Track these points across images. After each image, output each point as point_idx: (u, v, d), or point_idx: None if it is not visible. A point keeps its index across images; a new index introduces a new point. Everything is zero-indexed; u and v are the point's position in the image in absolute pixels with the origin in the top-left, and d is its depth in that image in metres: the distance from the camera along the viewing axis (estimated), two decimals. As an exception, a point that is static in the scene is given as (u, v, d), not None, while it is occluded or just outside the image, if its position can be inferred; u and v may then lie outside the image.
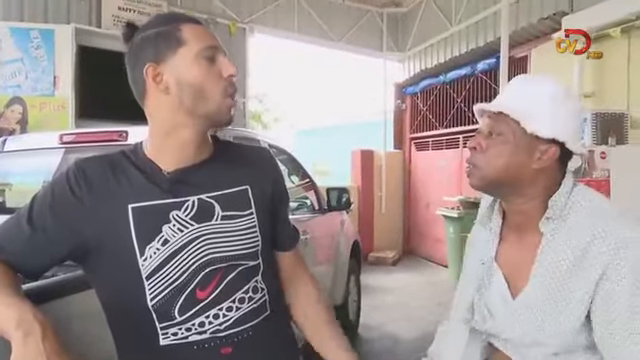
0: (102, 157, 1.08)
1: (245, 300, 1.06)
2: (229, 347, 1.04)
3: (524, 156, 1.03)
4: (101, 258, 1.02)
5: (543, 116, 1.01)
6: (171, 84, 1.01)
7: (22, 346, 0.81)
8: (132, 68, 1.05)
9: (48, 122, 4.42)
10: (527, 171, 1.03)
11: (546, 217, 1.03)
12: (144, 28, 1.05)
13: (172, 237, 1.02)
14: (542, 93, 1.04)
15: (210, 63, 1.02)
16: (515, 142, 1.03)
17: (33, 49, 4.50)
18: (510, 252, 1.11)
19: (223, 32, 6.33)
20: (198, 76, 1.01)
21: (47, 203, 1.02)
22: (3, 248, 0.98)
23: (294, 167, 3.83)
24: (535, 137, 1.02)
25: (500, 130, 1.04)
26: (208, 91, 1.02)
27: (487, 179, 1.06)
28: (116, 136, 2.41)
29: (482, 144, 1.07)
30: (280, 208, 1.21)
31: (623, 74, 4.40)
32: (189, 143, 1.06)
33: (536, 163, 1.03)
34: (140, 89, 1.04)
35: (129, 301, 1.02)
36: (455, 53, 6.78)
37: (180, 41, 1.01)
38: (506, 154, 1.03)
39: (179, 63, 1.01)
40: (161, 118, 1.05)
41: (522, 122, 1.02)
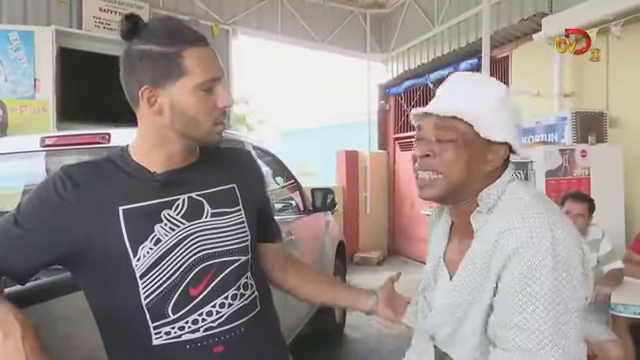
0: (89, 162, 1.09)
1: (237, 297, 1.08)
2: (221, 345, 1.05)
3: (479, 159, 1.00)
4: (92, 261, 1.02)
5: (494, 119, 0.99)
6: (165, 108, 1.02)
7: (2, 345, 0.82)
8: (127, 76, 1.03)
9: (29, 125, 4.35)
10: (480, 174, 1.01)
11: (477, 211, 1.01)
12: (147, 36, 1.00)
13: (164, 236, 1.03)
14: (490, 94, 1.01)
15: (207, 94, 1.02)
16: (469, 146, 0.99)
17: (12, 51, 4.43)
18: (454, 251, 1.09)
19: (206, 33, 6.21)
20: (193, 107, 1.02)
21: (34, 208, 1.01)
22: None
23: (279, 168, 3.84)
24: (487, 140, 0.99)
25: (451, 135, 0.98)
26: (200, 120, 1.03)
27: (451, 186, 1.00)
28: (98, 138, 2.38)
29: (435, 150, 1.00)
30: (266, 204, 1.26)
31: (602, 74, 4.49)
32: (177, 153, 1.08)
33: (489, 165, 1.01)
34: (133, 101, 1.04)
35: (122, 302, 1.02)
36: (438, 54, 6.83)
37: (182, 71, 0.99)
38: (464, 158, 0.99)
39: (177, 92, 1.00)
40: (151, 132, 1.06)
41: (475, 125, 0.98)
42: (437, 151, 1.00)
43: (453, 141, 0.98)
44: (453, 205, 1.07)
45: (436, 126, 1.00)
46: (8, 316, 0.86)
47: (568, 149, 3.88)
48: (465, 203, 1.03)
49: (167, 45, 0.99)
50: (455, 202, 1.05)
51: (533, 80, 5.28)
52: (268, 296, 1.21)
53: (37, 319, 0.89)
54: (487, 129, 0.98)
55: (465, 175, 0.99)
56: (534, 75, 5.31)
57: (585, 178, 3.90)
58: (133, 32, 1.00)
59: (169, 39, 0.99)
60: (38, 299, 1.13)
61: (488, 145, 0.99)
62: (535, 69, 5.29)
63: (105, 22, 5.23)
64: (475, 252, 0.99)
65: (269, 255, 1.29)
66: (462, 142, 0.98)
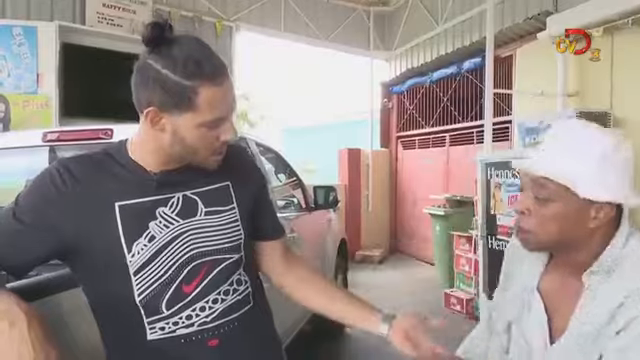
0: (87, 156, 1.08)
1: (230, 292, 1.09)
2: (215, 339, 1.06)
3: (578, 219, 0.97)
4: (88, 256, 1.03)
5: (594, 179, 0.94)
6: (167, 131, 1.01)
7: (7, 334, 0.82)
8: (137, 86, 1.01)
9: (32, 120, 4.36)
10: (583, 231, 0.99)
11: (591, 270, 0.98)
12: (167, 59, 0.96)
13: (159, 233, 1.03)
14: (591, 152, 0.95)
15: (211, 130, 1.01)
16: (566, 207, 0.97)
17: (15, 46, 4.44)
18: (553, 286, 1.07)
19: (209, 30, 6.30)
20: (195, 141, 1.01)
21: (32, 202, 1.01)
22: None
23: (281, 165, 3.83)
24: (588, 200, 0.96)
25: (548, 195, 0.98)
26: (200, 151, 1.04)
27: (543, 244, 1.03)
28: (101, 134, 2.38)
29: (530, 208, 1.00)
30: (263, 201, 1.25)
31: (606, 74, 4.46)
32: (174, 160, 1.08)
33: (592, 222, 0.98)
34: (139, 109, 1.03)
35: (117, 297, 1.03)
36: (441, 52, 6.82)
37: (192, 106, 0.97)
38: (559, 219, 0.98)
39: (182, 123, 0.99)
40: (151, 141, 1.05)
41: (572, 187, 0.95)
42: (532, 209, 1.00)
43: (550, 199, 0.97)
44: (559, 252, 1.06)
45: (531, 183, 1.00)
46: (13, 306, 0.86)
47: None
48: (574, 252, 1.02)
49: (184, 77, 0.95)
50: (558, 252, 1.06)
51: (537, 79, 5.26)
52: (262, 292, 1.22)
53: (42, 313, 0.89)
54: (587, 189, 0.94)
55: (558, 236, 0.99)
56: (538, 74, 5.29)
57: (588, 178, 3.88)
58: (156, 42, 0.97)
59: (187, 70, 0.95)
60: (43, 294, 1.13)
61: (589, 204, 0.96)
62: (539, 68, 5.27)
63: (108, 18, 5.23)
64: (587, 317, 0.96)
65: (268, 254, 1.27)
66: (559, 202, 0.97)
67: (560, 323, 1.03)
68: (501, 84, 5.96)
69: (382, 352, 4.19)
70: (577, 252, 1.02)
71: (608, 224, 0.99)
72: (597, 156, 0.94)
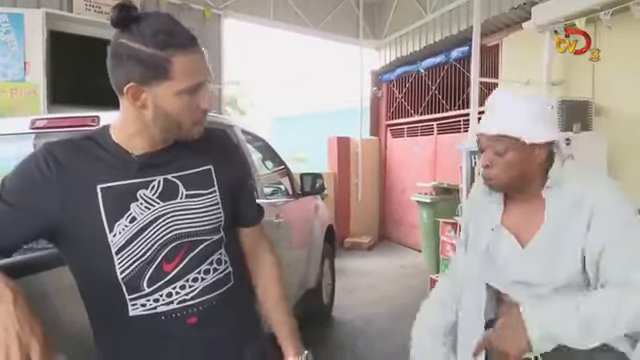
0: (70, 140, 1.12)
1: (210, 271, 1.13)
2: (195, 317, 1.11)
3: (528, 161, 1.30)
4: (72, 236, 1.07)
5: (536, 129, 1.27)
6: (149, 106, 1.05)
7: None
8: (113, 67, 1.04)
9: (19, 108, 4.35)
10: (532, 169, 1.31)
11: (547, 186, 1.31)
12: (137, 35, 1.00)
13: (140, 214, 1.07)
14: (529, 109, 1.29)
15: (191, 96, 1.05)
16: (519, 154, 1.28)
17: (2, 34, 4.41)
18: (515, 219, 1.37)
19: (197, 17, 6.28)
20: (176, 109, 1.05)
21: (17, 184, 1.05)
22: None
23: (268, 153, 3.88)
24: (533, 144, 1.28)
25: (504, 148, 1.29)
26: (182, 121, 1.07)
27: (506, 185, 1.34)
28: (88, 121, 2.41)
29: (493, 161, 1.32)
30: (242, 186, 1.28)
31: (589, 63, 4.53)
32: (156, 139, 1.12)
33: (536, 161, 1.30)
34: (118, 90, 1.06)
35: (100, 275, 1.08)
36: (430, 41, 6.85)
37: (168, 75, 1.01)
38: (516, 164, 1.29)
39: (162, 93, 1.03)
40: (133, 120, 1.09)
41: (521, 138, 1.27)
42: (493, 162, 1.31)
43: (506, 151, 1.28)
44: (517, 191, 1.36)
45: (489, 141, 1.31)
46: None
47: (555, 136, 3.94)
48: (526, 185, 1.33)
49: (156, 47, 0.99)
50: (518, 190, 1.36)
51: (523, 68, 5.32)
52: (243, 271, 1.26)
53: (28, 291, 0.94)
54: (531, 137, 1.26)
55: (517, 176, 1.31)
56: (524, 63, 5.35)
57: (569, 165, 3.97)
58: (124, 23, 1.01)
59: (158, 41, 1.00)
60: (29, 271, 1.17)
61: (534, 147, 1.28)
62: (525, 58, 5.34)
63: (95, 5, 5.21)
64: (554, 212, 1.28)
65: (245, 242, 1.30)
66: (513, 151, 1.28)
67: (528, 237, 1.33)
68: (488, 73, 6.02)
69: (368, 335, 4.31)
70: (531, 184, 1.33)
71: (548, 158, 1.32)
72: (534, 113, 1.28)
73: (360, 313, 4.71)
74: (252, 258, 1.31)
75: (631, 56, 4.28)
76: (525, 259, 1.32)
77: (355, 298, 5.24)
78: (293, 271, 3.63)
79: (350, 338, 4.13)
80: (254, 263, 1.31)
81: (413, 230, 7.43)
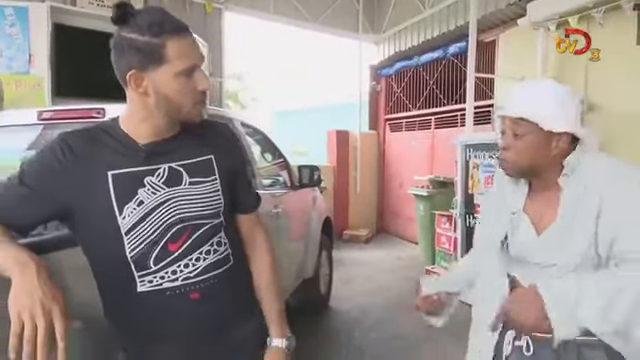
0: (84, 130, 1.23)
1: (211, 252, 1.24)
2: (197, 293, 1.21)
3: (544, 148, 1.31)
4: (86, 218, 1.18)
5: (555, 116, 1.28)
6: (150, 91, 1.15)
7: (20, 279, 0.98)
8: (117, 59, 1.15)
9: (24, 100, 4.44)
10: (548, 158, 1.32)
11: (563, 174, 1.32)
12: (134, 26, 1.11)
13: (147, 199, 1.18)
14: (552, 97, 1.30)
15: (188, 79, 1.15)
16: (536, 139, 1.30)
17: (7, 27, 4.50)
18: (535, 206, 1.40)
19: (199, 12, 6.37)
20: (175, 91, 1.15)
21: (35, 170, 1.16)
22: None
23: (268, 146, 3.97)
24: (551, 132, 1.29)
25: (522, 132, 1.31)
26: (182, 102, 1.17)
27: (520, 170, 1.37)
28: (94, 113, 2.51)
29: (510, 144, 1.34)
30: (240, 175, 1.38)
31: (582, 60, 4.62)
32: (161, 127, 1.22)
33: (553, 151, 1.31)
34: (122, 81, 1.17)
35: (111, 254, 1.18)
36: (428, 36, 6.94)
37: (163, 59, 1.12)
38: (531, 149, 1.31)
39: (160, 78, 1.13)
40: (138, 109, 1.19)
41: (540, 123, 1.28)
42: (511, 145, 1.33)
43: (524, 135, 1.30)
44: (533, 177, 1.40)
45: (510, 124, 1.33)
46: (24, 255, 1.02)
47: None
48: (543, 175, 1.35)
49: (151, 36, 1.10)
50: (532, 176, 1.39)
51: (518, 64, 5.41)
52: (241, 253, 1.36)
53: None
54: (550, 125, 1.28)
55: (531, 162, 1.33)
56: (519, 60, 5.44)
57: (560, 160, 4.06)
58: (123, 19, 1.13)
59: (152, 30, 1.10)
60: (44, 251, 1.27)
61: (551, 136, 1.29)
62: (520, 54, 5.42)
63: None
64: (568, 201, 1.30)
65: (242, 229, 1.40)
66: (530, 136, 1.30)
67: (544, 225, 1.36)
68: (484, 68, 6.11)
69: (364, 325, 4.42)
70: (546, 174, 1.35)
71: (565, 150, 1.32)
72: (557, 100, 1.29)
73: (357, 303, 4.82)
74: (248, 244, 1.41)
75: (624, 53, 4.37)
76: (539, 245, 1.35)
77: (352, 288, 5.35)
78: (291, 260, 3.73)
79: (347, 327, 4.23)
80: (250, 249, 1.41)
81: (410, 223, 7.54)
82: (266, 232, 1.46)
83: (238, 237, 1.38)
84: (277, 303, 1.41)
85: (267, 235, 1.46)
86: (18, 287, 0.97)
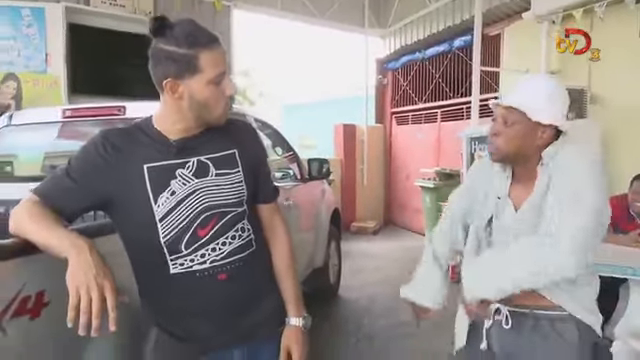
0: (122, 128, 1.37)
1: (235, 237, 1.36)
2: (224, 274, 1.34)
3: (530, 137, 1.42)
4: (124, 207, 1.31)
5: (543, 109, 1.39)
6: (184, 97, 1.28)
7: (76, 259, 1.11)
8: (154, 67, 1.28)
9: (42, 98, 4.60)
10: (533, 147, 1.43)
11: (541, 163, 1.43)
12: (171, 39, 1.24)
13: (178, 189, 1.31)
14: (541, 91, 1.42)
15: (217, 85, 1.28)
16: (524, 128, 1.41)
17: (25, 27, 4.65)
18: (518, 191, 1.51)
19: (208, 9, 6.48)
20: (207, 97, 1.28)
21: (80, 165, 1.30)
22: (49, 196, 1.26)
23: (278, 140, 4.10)
24: (538, 123, 1.40)
25: (512, 120, 1.42)
26: (211, 107, 1.30)
27: (506, 155, 1.47)
28: (115, 111, 2.66)
29: (500, 131, 1.45)
30: (260, 168, 1.50)
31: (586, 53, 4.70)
32: (191, 126, 1.35)
33: (538, 141, 1.42)
34: (158, 87, 1.30)
35: (146, 239, 1.31)
36: (433, 30, 7.02)
37: (197, 69, 1.24)
38: (519, 137, 1.42)
39: (194, 85, 1.26)
40: (172, 111, 1.32)
41: (528, 114, 1.39)
42: (501, 131, 1.44)
43: (514, 123, 1.41)
44: (515, 164, 1.51)
45: (502, 112, 1.44)
46: (78, 239, 1.15)
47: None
48: (526, 164, 1.46)
49: (186, 48, 1.22)
50: (515, 163, 1.50)
51: (523, 58, 5.50)
52: (262, 239, 1.49)
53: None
54: (538, 117, 1.39)
55: (517, 149, 1.43)
56: (524, 53, 5.52)
57: (563, 151, 4.16)
58: (160, 31, 1.25)
59: (188, 43, 1.22)
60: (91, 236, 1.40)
61: (538, 127, 1.40)
62: (525, 47, 5.50)
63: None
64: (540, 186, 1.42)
65: (263, 217, 1.52)
66: (519, 125, 1.41)
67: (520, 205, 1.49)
68: (490, 62, 6.19)
69: (372, 313, 4.55)
70: (528, 162, 1.46)
71: (549, 142, 1.43)
72: (545, 93, 1.41)
73: (366, 292, 4.95)
74: (268, 231, 1.53)
75: (626, 47, 4.45)
76: (516, 224, 1.48)
77: (361, 279, 5.48)
78: (301, 250, 3.87)
79: (355, 315, 4.37)
80: (270, 236, 1.53)
81: (417, 214, 7.65)
82: (284, 221, 1.58)
83: (259, 224, 1.50)
84: (294, 285, 1.53)
85: (285, 224, 1.58)
86: (74, 266, 1.10)
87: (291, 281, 1.53)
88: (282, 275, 1.52)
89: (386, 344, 3.74)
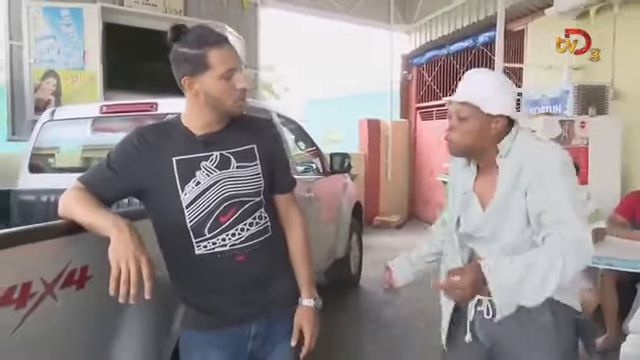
0: (156, 125, 1.55)
1: (253, 224, 1.51)
2: (242, 256, 1.49)
3: (484, 129, 1.47)
4: (154, 195, 1.48)
5: (493, 100, 1.46)
6: (200, 93, 1.44)
7: (117, 237, 1.28)
8: (175, 69, 1.45)
9: (80, 93, 4.87)
10: (488, 138, 1.48)
11: (499, 156, 1.49)
12: (183, 43, 1.42)
13: (202, 179, 1.46)
14: (490, 83, 1.49)
15: (228, 80, 1.44)
16: (477, 121, 1.47)
17: (64, 26, 4.92)
18: (481, 185, 1.55)
19: (235, 6, 6.66)
20: (219, 92, 1.44)
21: (119, 157, 1.47)
22: (92, 184, 1.45)
23: (301, 135, 4.25)
24: (489, 115, 1.45)
25: (465, 114, 1.47)
26: (225, 100, 1.46)
27: (463, 149, 1.53)
28: (147, 107, 2.85)
29: (455, 125, 1.51)
30: (277, 162, 1.64)
31: (609, 48, 4.70)
32: (213, 121, 1.50)
33: (492, 132, 1.47)
34: (180, 85, 1.47)
35: (174, 223, 1.47)
36: (458, 26, 7.06)
37: (207, 66, 1.41)
38: (473, 131, 1.48)
39: (206, 81, 1.42)
40: (193, 107, 1.49)
41: (480, 107, 1.45)
42: (456, 126, 1.49)
43: (467, 117, 1.46)
44: (475, 157, 1.56)
45: (456, 107, 1.50)
46: (119, 220, 1.32)
47: (567, 120, 4.18)
48: (484, 155, 1.51)
49: (196, 49, 1.40)
50: (473, 156, 1.55)
51: (546, 54, 5.48)
52: (278, 226, 1.63)
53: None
54: (489, 108, 1.45)
55: (472, 142, 1.49)
56: (547, 49, 5.49)
57: (583, 147, 4.20)
58: (177, 37, 1.43)
59: (197, 44, 1.40)
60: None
61: (490, 118, 1.46)
62: (547, 43, 5.47)
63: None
64: (503, 180, 1.46)
65: (279, 206, 1.66)
66: (472, 118, 1.46)
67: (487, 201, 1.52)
68: (513, 58, 6.21)
69: (392, 305, 4.67)
70: (486, 155, 1.52)
71: (503, 132, 1.49)
72: (495, 86, 1.47)
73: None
74: (285, 219, 1.67)
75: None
76: (484, 221, 1.51)
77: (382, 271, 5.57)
78: (322, 241, 4.03)
79: (376, 305, 4.50)
80: (286, 223, 1.67)
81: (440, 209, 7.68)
82: (300, 210, 1.72)
83: (276, 213, 1.64)
84: (308, 269, 1.67)
85: (301, 213, 1.72)
86: (116, 243, 1.27)
87: (305, 266, 1.66)
88: (297, 260, 1.65)
89: (405, 333, 3.86)
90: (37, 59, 4.92)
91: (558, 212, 1.36)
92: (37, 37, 4.91)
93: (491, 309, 1.50)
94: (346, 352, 3.52)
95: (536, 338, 1.45)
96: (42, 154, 3.20)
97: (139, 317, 1.59)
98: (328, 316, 1.69)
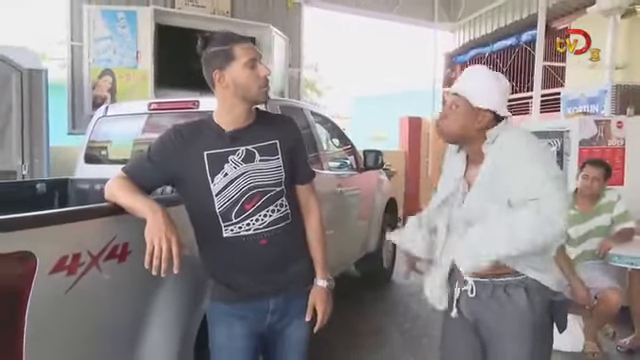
0: (191, 122, 1.74)
1: (275, 211, 1.69)
2: (265, 240, 1.66)
3: (471, 120, 1.61)
4: (188, 184, 1.68)
5: (482, 95, 1.60)
6: (229, 83, 1.63)
7: (152, 219, 1.49)
8: (205, 68, 1.65)
9: (133, 90, 5.24)
10: (474, 128, 1.61)
11: (486, 143, 1.60)
12: (212, 44, 1.63)
13: (230, 171, 1.65)
14: (481, 80, 1.63)
15: (252, 69, 1.62)
16: (466, 112, 1.61)
17: (120, 28, 5.30)
18: (472, 171, 1.67)
19: (280, 7, 6.87)
20: (244, 79, 1.62)
21: (158, 150, 1.68)
22: (133, 173, 1.67)
23: (336, 132, 4.41)
24: (477, 108, 1.60)
25: (458, 104, 1.63)
26: (250, 87, 1.63)
27: (452, 135, 1.67)
28: (190, 104, 3.09)
29: (448, 113, 1.66)
30: (298, 155, 1.80)
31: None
32: (241, 115, 1.68)
33: (478, 124, 1.61)
34: (211, 84, 1.67)
35: (205, 209, 1.66)
36: (501, 24, 7.01)
37: (233, 57, 1.61)
38: (461, 120, 1.62)
39: (233, 71, 1.61)
40: (224, 101, 1.67)
41: (469, 99, 1.60)
42: (449, 114, 1.64)
43: (458, 107, 1.61)
44: (462, 145, 1.69)
45: (452, 98, 1.65)
46: (155, 205, 1.53)
47: (604, 120, 4.13)
48: (471, 144, 1.64)
49: (223, 45, 1.60)
50: (461, 144, 1.69)
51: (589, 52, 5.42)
52: (298, 214, 1.80)
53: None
54: (477, 102, 1.59)
55: (459, 131, 1.63)
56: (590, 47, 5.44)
57: (620, 148, 4.15)
58: (206, 44, 1.63)
59: (224, 42, 1.60)
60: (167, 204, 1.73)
61: (477, 111, 1.60)
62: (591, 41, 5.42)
63: (193, 0, 5.98)
64: (488, 163, 1.58)
65: (300, 196, 1.83)
66: (461, 109, 1.61)
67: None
68: (557, 56, 6.13)
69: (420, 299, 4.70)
70: (474, 143, 1.64)
71: (488, 127, 1.61)
72: (485, 84, 1.61)
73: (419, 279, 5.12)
74: (304, 207, 1.84)
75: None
76: (469, 202, 1.63)
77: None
78: (354, 234, 4.17)
79: (404, 301, 4.57)
80: (305, 211, 1.84)
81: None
82: (318, 200, 1.88)
83: (296, 202, 1.81)
84: (323, 253, 1.83)
85: (318, 202, 1.88)
86: (151, 224, 1.49)
87: (320, 250, 1.82)
88: (313, 245, 1.82)
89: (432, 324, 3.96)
90: (95, 58, 5.33)
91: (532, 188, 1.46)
92: (96, 38, 5.31)
93: (474, 288, 1.63)
94: (374, 339, 3.67)
95: (512, 316, 1.58)
96: (96, 147, 3.51)
97: (173, 288, 1.81)
98: (357, 307, 1.85)
